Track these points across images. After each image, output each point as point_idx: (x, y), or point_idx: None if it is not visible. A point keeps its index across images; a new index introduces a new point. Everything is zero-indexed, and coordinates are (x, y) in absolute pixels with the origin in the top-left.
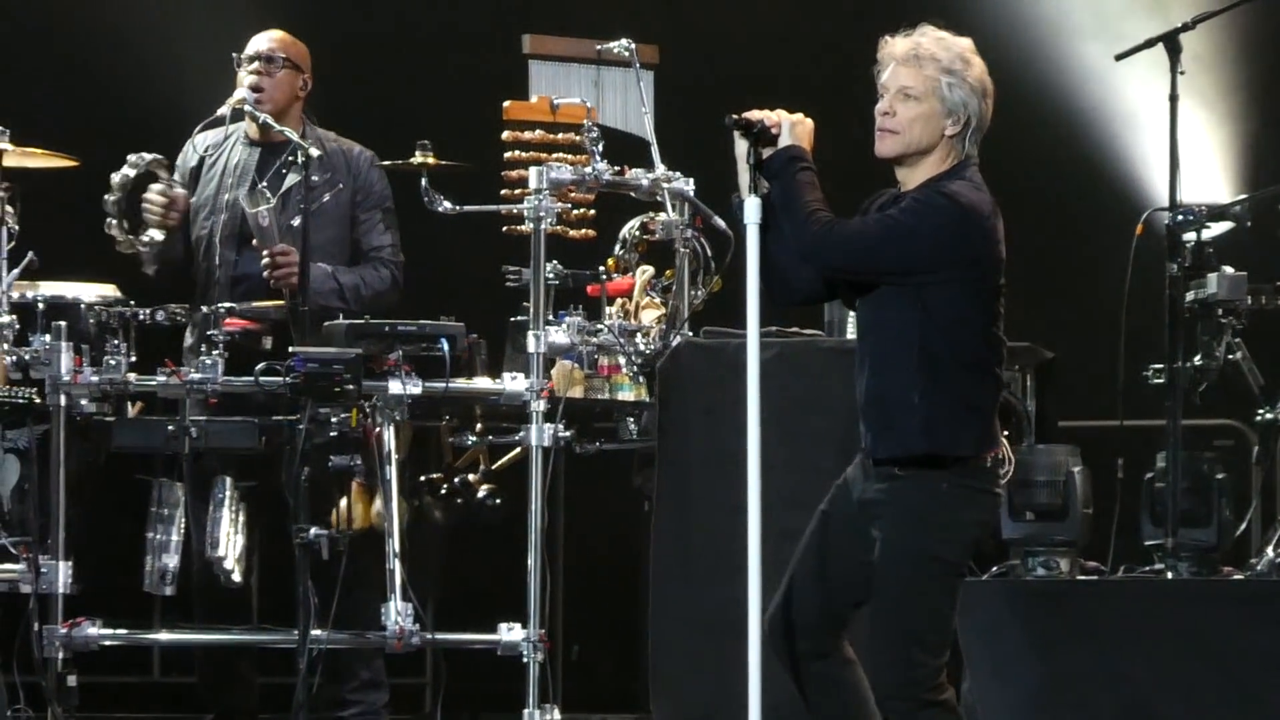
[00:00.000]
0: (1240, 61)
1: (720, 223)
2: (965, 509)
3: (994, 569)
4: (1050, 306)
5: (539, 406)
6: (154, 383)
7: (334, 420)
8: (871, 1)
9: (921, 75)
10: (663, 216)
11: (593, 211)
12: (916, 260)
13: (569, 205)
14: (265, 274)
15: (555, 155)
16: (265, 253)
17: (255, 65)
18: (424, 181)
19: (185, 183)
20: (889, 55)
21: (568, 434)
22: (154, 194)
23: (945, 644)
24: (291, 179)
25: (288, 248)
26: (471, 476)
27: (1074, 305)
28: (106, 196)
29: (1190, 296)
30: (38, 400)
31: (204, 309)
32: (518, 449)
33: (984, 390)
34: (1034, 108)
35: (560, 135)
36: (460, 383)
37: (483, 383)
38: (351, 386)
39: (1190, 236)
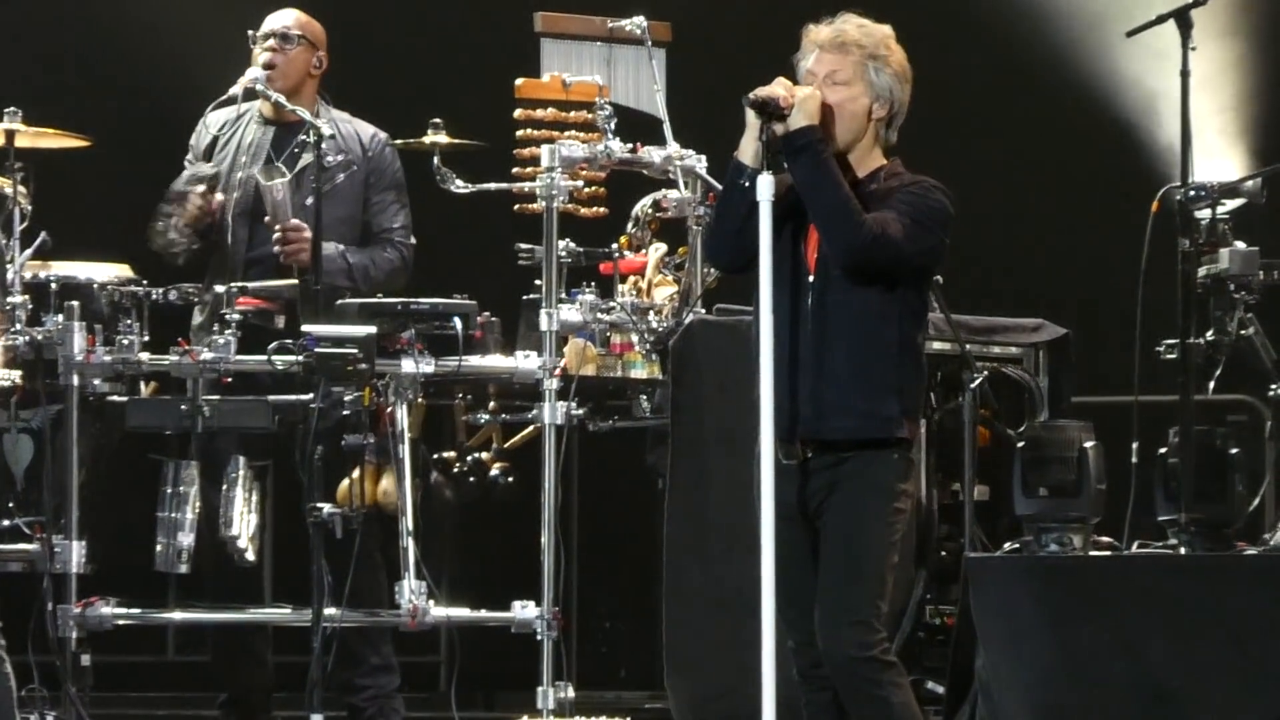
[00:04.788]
0: (1253, 36)
1: None
2: (910, 479)
3: (1007, 545)
4: (1065, 283)
5: (552, 385)
6: (167, 362)
7: (347, 399)
8: None
9: (847, 60)
10: (675, 194)
11: (605, 189)
12: (935, 258)
13: (581, 183)
14: (276, 249)
15: (567, 133)
16: (277, 227)
17: (270, 43)
18: (436, 160)
19: (198, 160)
20: (812, 42)
21: (580, 412)
22: (196, 198)
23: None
24: (306, 159)
25: (300, 223)
26: (485, 455)
27: (1089, 282)
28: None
29: (1203, 272)
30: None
31: (216, 288)
32: (531, 427)
33: (923, 371)
34: (1048, 85)
35: (572, 113)
36: (473, 361)
37: (496, 361)
38: (364, 365)
39: (1204, 213)
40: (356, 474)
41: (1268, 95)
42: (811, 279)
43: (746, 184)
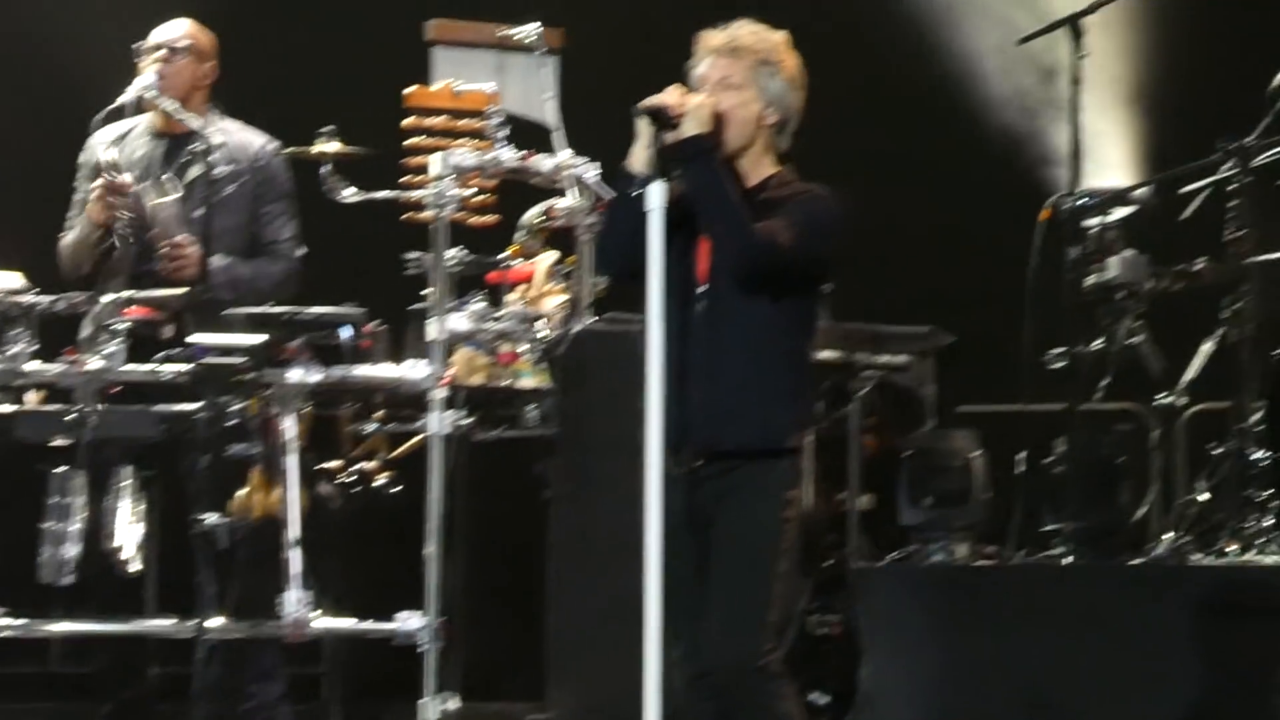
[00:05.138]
0: (1141, 45)
1: None
2: (798, 486)
3: (893, 554)
4: (953, 291)
5: (439, 394)
6: (54, 371)
7: (233, 409)
8: None
9: (740, 65)
10: (565, 202)
11: (495, 198)
12: (825, 267)
13: (471, 191)
14: (160, 265)
15: (458, 141)
16: (163, 244)
17: (159, 54)
18: (325, 169)
19: (90, 176)
20: (706, 48)
21: (468, 421)
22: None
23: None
24: (196, 169)
25: (186, 240)
26: (371, 465)
27: (977, 290)
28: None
29: (1091, 280)
30: None
31: (104, 298)
32: (418, 437)
33: (812, 380)
34: (938, 93)
35: (463, 121)
36: (360, 370)
37: (383, 370)
38: (251, 375)
39: (1093, 221)
40: (251, 483)
41: (1157, 103)
42: (702, 288)
43: (637, 192)
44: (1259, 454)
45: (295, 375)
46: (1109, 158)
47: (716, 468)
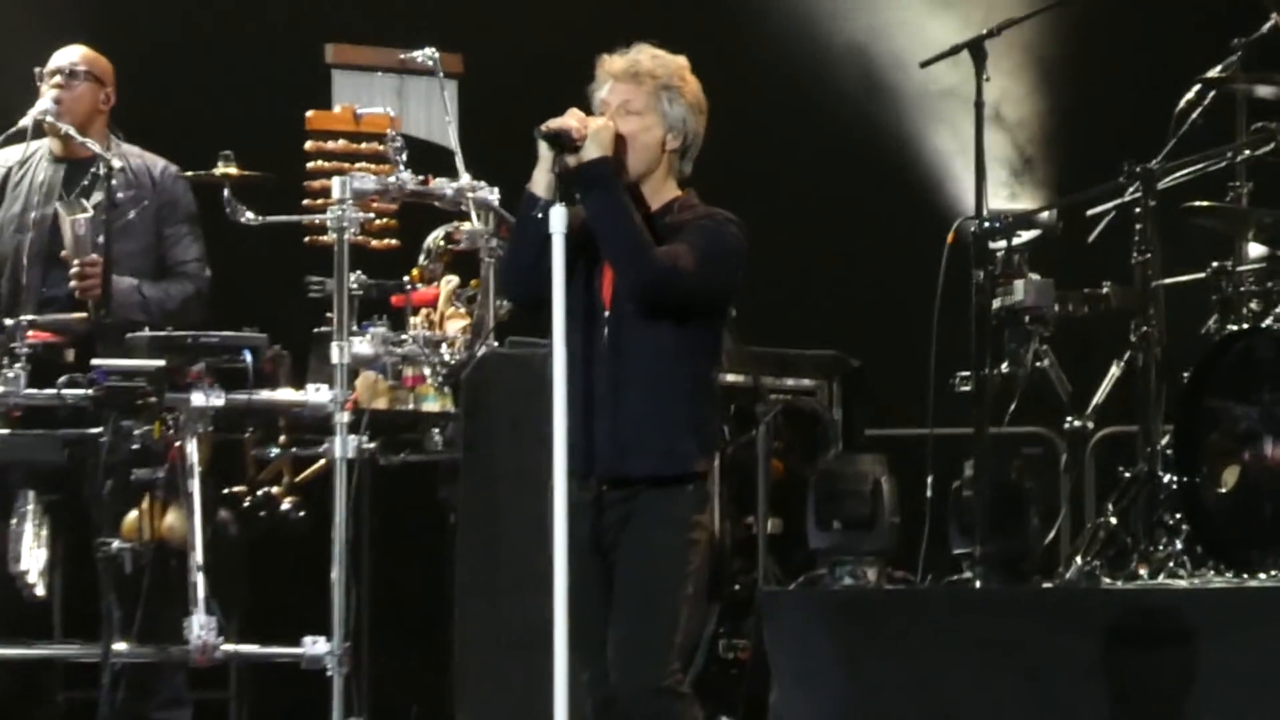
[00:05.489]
0: (1044, 66)
1: None
2: (705, 510)
3: (800, 579)
4: (859, 315)
5: (343, 418)
6: None
7: (136, 433)
8: (680, 9)
9: (640, 90)
10: (467, 226)
11: (396, 222)
12: (729, 292)
13: (372, 215)
14: (72, 284)
15: (359, 165)
16: (75, 262)
17: (56, 79)
18: (226, 192)
19: None
20: (607, 73)
21: (372, 446)
22: None
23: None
24: (97, 195)
25: (95, 258)
26: (275, 489)
27: (883, 314)
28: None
29: (997, 303)
30: None
31: (6, 321)
32: (321, 461)
33: (717, 404)
34: (840, 116)
35: (364, 145)
36: (263, 394)
37: (286, 394)
38: (154, 399)
39: (999, 244)
40: (143, 507)
41: (1060, 126)
42: (607, 314)
43: (539, 216)
44: (1168, 477)
45: (198, 399)
46: (1013, 181)
47: (621, 493)
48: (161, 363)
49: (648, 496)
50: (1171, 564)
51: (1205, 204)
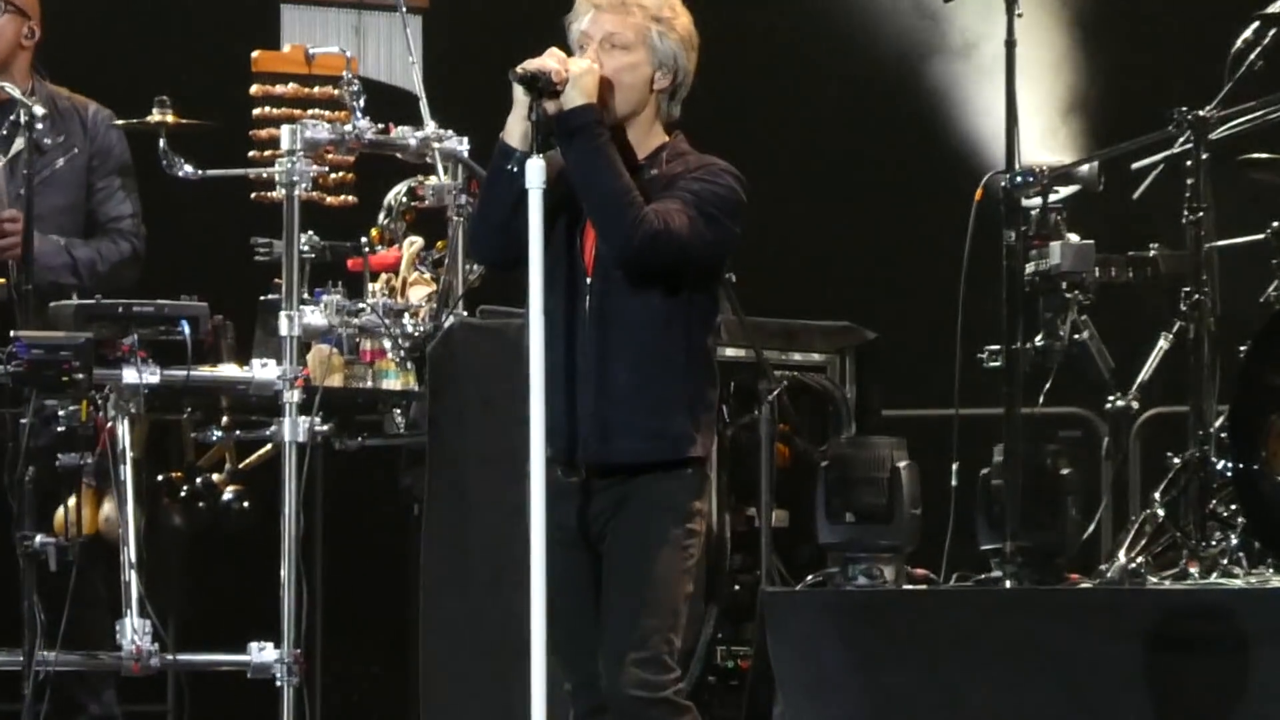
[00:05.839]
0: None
1: None
2: (703, 497)
3: (809, 578)
4: (875, 282)
5: (293, 397)
6: None
7: (62, 414)
8: None
9: (629, 22)
10: (433, 180)
11: (353, 175)
12: (725, 252)
13: (326, 168)
14: None
15: (311, 112)
16: None
17: None
18: (163, 142)
19: None
20: (588, 2)
21: (325, 428)
22: None
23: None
24: (19, 142)
25: (15, 214)
26: (216, 476)
27: (902, 280)
28: None
29: (1031, 268)
30: None
31: None
32: (269, 445)
33: (717, 374)
34: (854, 58)
35: (317, 89)
36: (204, 371)
37: (229, 370)
38: (81, 375)
39: (1033, 201)
40: (74, 499)
41: (1103, 69)
42: (589, 279)
43: (514, 169)
44: (1222, 463)
45: (130, 376)
46: (1048, 130)
47: (609, 480)
48: (89, 335)
49: (639, 482)
50: (1225, 561)
51: (1264, 156)
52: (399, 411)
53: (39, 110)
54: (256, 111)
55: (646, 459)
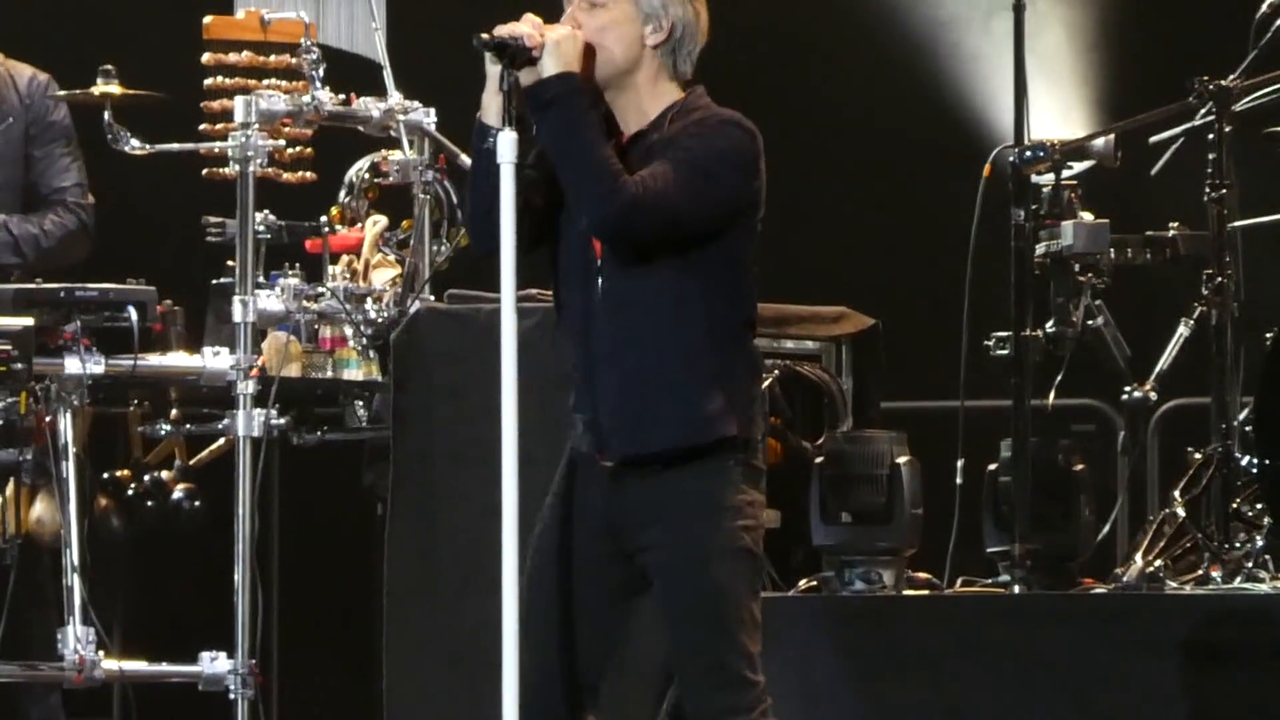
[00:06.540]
0: None
1: (467, 161)
2: (755, 489)
3: (803, 583)
4: (874, 264)
5: (247, 388)
6: None
7: None
8: None
9: None
10: (397, 155)
11: (312, 150)
12: (737, 205)
13: (283, 142)
14: None
15: (267, 82)
16: None
17: None
18: (107, 115)
19: None
20: None
21: (282, 421)
22: None
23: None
24: None
25: None
26: (165, 474)
27: (903, 262)
28: None
29: (1042, 249)
30: None
31: None
32: (221, 440)
33: (754, 354)
34: (853, 21)
35: (273, 57)
36: (151, 360)
37: (178, 360)
38: (20, 365)
39: (1045, 178)
40: (7, 495)
41: (1118, 36)
42: (599, 262)
43: (491, 145)
44: (1246, 459)
45: (73, 366)
46: (1060, 102)
47: (643, 470)
48: (29, 321)
49: (675, 483)
50: (1251, 564)
51: None
52: (361, 404)
53: None
54: (208, 82)
55: (678, 444)
